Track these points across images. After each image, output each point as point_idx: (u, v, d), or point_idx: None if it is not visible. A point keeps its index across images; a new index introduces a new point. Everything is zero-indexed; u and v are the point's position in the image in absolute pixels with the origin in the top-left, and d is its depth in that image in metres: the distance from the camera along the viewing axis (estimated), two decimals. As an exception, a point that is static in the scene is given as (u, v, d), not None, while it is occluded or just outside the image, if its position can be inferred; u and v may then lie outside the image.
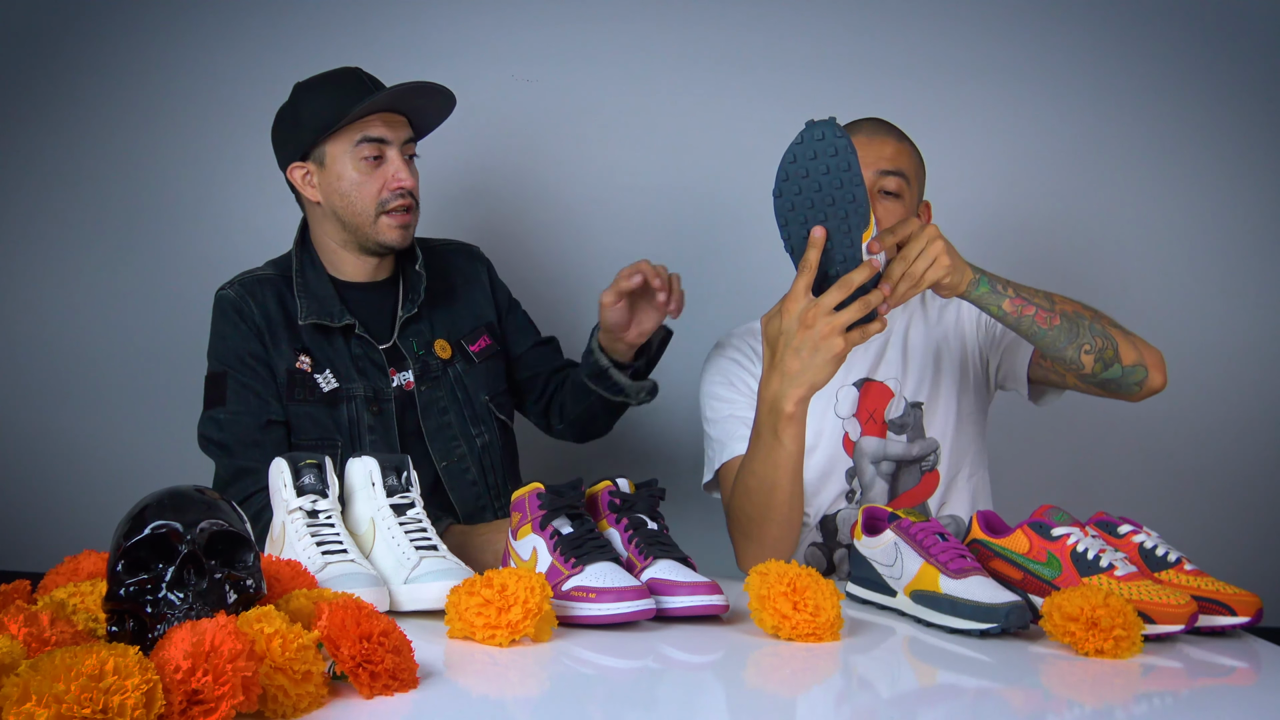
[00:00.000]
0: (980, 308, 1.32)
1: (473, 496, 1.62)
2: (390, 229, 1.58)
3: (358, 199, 1.56)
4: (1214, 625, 1.10)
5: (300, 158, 1.58)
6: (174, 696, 0.67)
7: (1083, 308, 1.36)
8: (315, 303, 1.58)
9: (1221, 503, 2.16)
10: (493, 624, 0.95)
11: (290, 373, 1.55)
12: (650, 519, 1.17)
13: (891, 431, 1.56)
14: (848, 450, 1.57)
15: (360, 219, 1.57)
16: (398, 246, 1.60)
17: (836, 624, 1.03)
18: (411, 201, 1.59)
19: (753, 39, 2.19)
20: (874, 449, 1.56)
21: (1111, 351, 1.35)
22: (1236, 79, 2.15)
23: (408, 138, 1.59)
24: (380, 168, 1.56)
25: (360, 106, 1.52)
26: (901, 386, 1.57)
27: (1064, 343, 1.33)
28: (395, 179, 1.56)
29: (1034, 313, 1.31)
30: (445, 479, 1.60)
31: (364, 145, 1.55)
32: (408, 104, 1.58)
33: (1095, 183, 2.18)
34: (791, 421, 1.27)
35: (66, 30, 2.22)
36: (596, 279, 2.21)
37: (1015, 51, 2.17)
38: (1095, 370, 1.36)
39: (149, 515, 0.80)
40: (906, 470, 1.56)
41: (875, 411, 1.57)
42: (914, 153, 1.55)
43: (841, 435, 1.57)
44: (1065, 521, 1.15)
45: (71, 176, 2.22)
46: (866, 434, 1.56)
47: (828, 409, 1.56)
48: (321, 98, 1.56)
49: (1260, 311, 2.16)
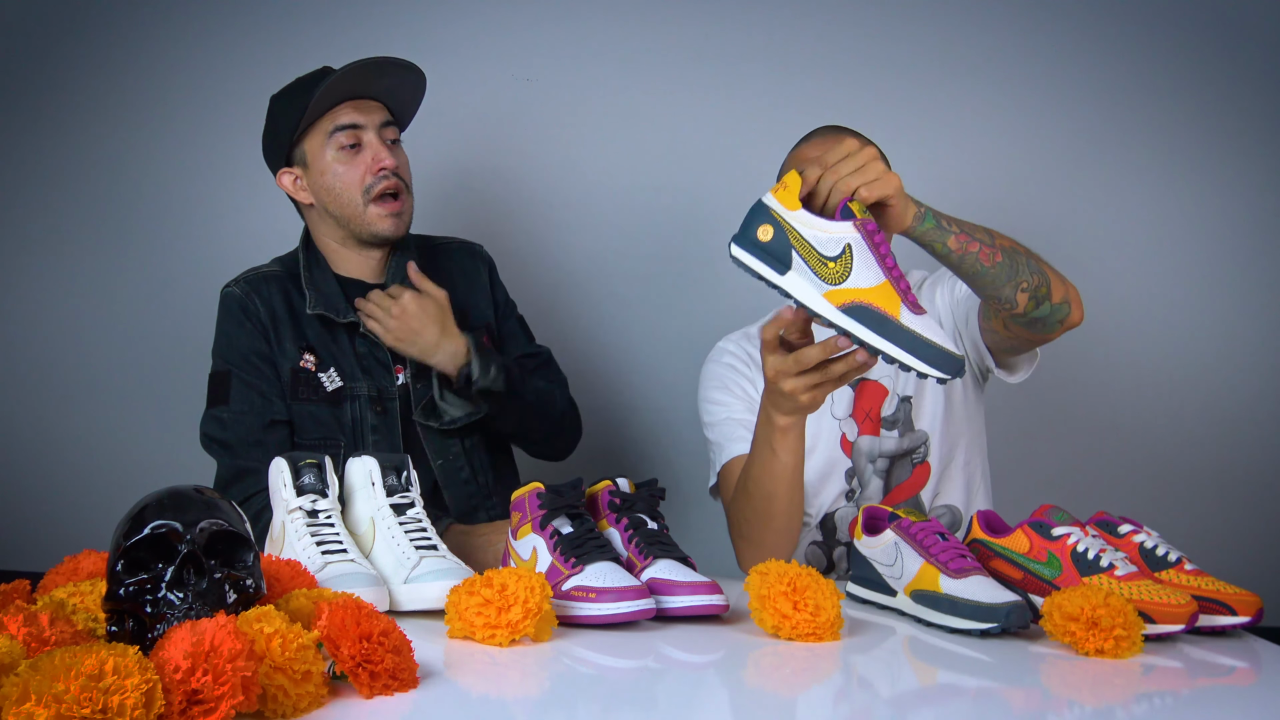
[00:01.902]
0: (924, 245, 1.22)
1: (466, 495, 1.61)
2: (381, 218, 1.57)
3: (343, 190, 1.56)
4: (1214, 625, 1.10)
5: (286, 163, 1.59)
6: (174, 696, 0.67)
7: (1018, 244, 1.29)
8: (322, 297, 1.59)
9: (1221, 503, 2.16)
10: (493, 624, 0.95)
11: (294, 372, 1.55)
12: (650, 519, 1.17)
13: (884, 428, 1.56)
14: (846, 450, 1.57)
15: (350, 210, 1.57)
16: (392, 235, 1.59)
17: (836, 624, 1.03)
18: (398, 183, 1.58)
19: (752, 39, 2.19)
20: (870, 447, 1.57)
21: (1045, 288, 1.29)
22: (1237, 79, 2.15)
23: (384, 121, 1.58)
24: (360, 154, 1.56)
25: (318, 92, 1.51)
26: (894, 383, 1.57)
27: (1003, 280, 1.25)
28: (376, 161, 1.55)
29: (978, 250, 1.22)
30: (440, 477, 1.60)
31: (339, 134, 1.54)
32: (376, 87, 1.57)
33: (1095, 183, 2.18)
34: (786, 435, 1.26)
35: (65, 30, 2.22)
36: (593, 277, 2.22)
37: (1014, 51, 2.17)
38: (1028, 309, 1.29)
39: (149, 515, 0.80)
40: (899, 464, 1.57)
41: (871, 410, 1.57)
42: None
43: (839, 436, 1.57)
44: (1065, 521, 1.15)
45: (70, 176, 2.22)
46: (864, 433, 1.56)
47: (824, 410, 1.56)
48: (290, 100, 1.57)
49: (1260, 311, 2.16)
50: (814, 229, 1.03)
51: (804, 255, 1.04)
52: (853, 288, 1.03)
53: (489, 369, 1.56)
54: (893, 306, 1.02)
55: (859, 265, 1.03)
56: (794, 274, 1.04)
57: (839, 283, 1.03)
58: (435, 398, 1.60)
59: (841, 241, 1.03)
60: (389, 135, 1.60)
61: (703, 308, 2.16)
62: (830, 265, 1.03)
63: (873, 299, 1.02)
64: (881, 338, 1.02)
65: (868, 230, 1.04)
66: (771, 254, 1.05)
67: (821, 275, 1.03)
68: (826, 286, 1.03)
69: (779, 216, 1.05)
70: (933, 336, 1.01)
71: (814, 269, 1.04)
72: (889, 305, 1.02)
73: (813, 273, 1.04)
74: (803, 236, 1.04)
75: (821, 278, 1.04)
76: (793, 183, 1.05)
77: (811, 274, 1.04)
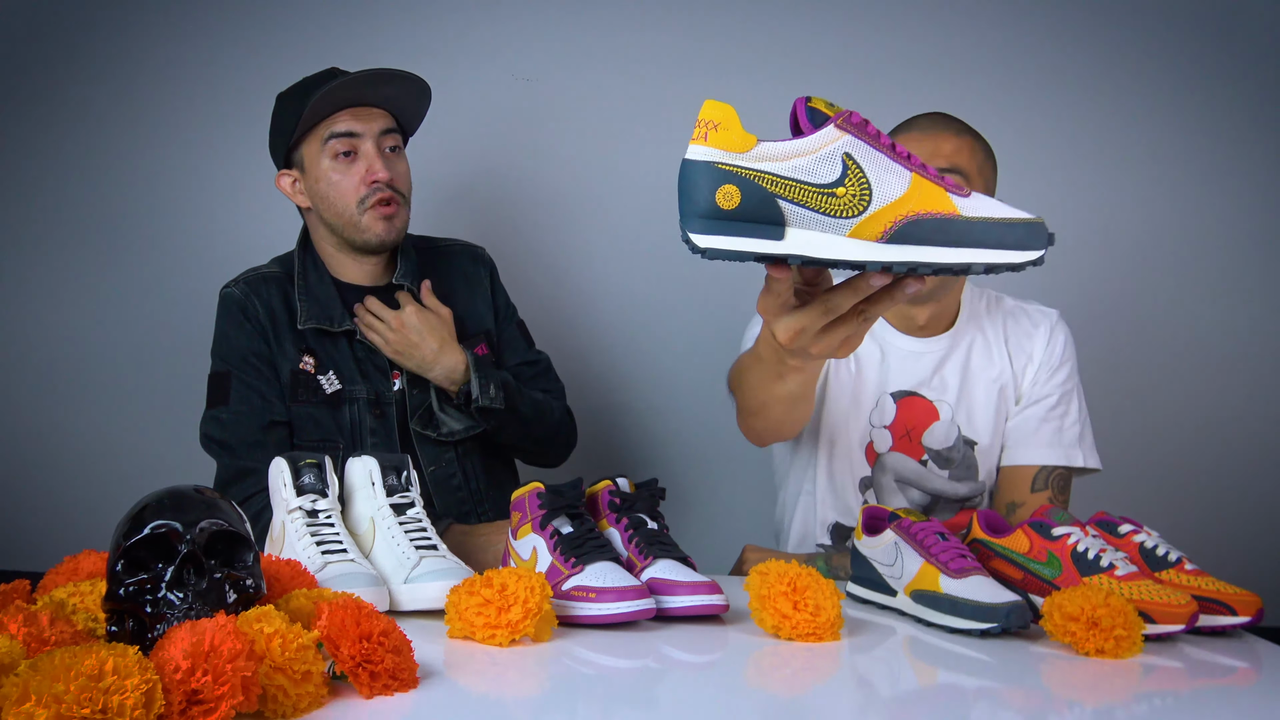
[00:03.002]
0: None
1: (457, 502, 1.61)
2: (375, 222, 1.55)
3: (336, 198, 1.55)
4: (1214, 625, 1.10)
5: (285, 165, 1.59)
6: (173, 696, 0.67)
7: None
8: (317, 306, 1.57)
9: (1221, 503, 2.16)
10: (493, 624, 0.95)
11: (294, 373, 1.54)
12: (650, 519, 1.17)
13: (934, 463, 1.47)
14: (869, 459, 1.49)
15: (343, 218, 1.56)
16: (386, 242, 1.58)
17: (836, 624, 1.03)
18: (393, 195, 1.56)
19: (753, 39, 2.19)
20: (901, 468, 1.48)
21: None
22: (1237, 79, 2.15)
23: (384, 129, 1.56)
24: (355, 163, 1.54)
25: (314, 99, 1.49)
26: (954, 413, 1.47)
27: None
28: (370, 172, 1.53)
29: None
30: (431, 484, 1.59)
31: (334, 141, 1.53)
32: (378, 94, 1.55)
33: (1095, 182, 2.18)
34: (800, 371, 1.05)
35: (65, 29, 2.22)
36: (594, 277, 2.22)
37: (1014, 51, 2.17)
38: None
39: (149, 515, 0.80)
40: (944, 505, 1.50)
41: (913, 430, 1.47)
42: (977, 147, 1.44)
43: (867, 442, 1.49)
44: (1065, 521, 1.15)
45: (70, 176, 2.22)
46: (897, 449, 1.47)
47: (863, 411, 1.48)
48: (292, 102, 1.55)
49: (1261, 311, 2.16)
50: (792, 157, 0.75)
51: (797, 198, 0.75)
52: (885, 204, 0.75)
53: (489, 387, 1.55)
54: (942, 200, 0.75)
55: (875, 172, 0.76)
56: (795, 230, 0.76)
57: (863, 209, 0.75)
58: (435, 409, 1.59)
59: (836, 154, 0.76)
60: (388, 143, 1.57)
61: (703, 307, 2.16)
62: (840, 193, 0.75)
63: (918, 205, 0.75)
64: (952, 248, 0.75)
65: (856, 124, 0.77)
66: (750, 219, 0.75)
67: (833, 211, 0.75)
68: (848, 222, 0.75)
69: (734, 166, 0.76)
70: (1005, 213, 0.76)
71: (819, 209, 0.75)
72: (938, 202, 0.75)
73: (820, 215, 0.75)
74: (781, 175, 0.75)
75: (835, 214, 0.75)
76: (723, 115, 0.77)
77: (820, 217, 0.75)
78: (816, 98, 0.77)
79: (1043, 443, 1.47)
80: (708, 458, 2.19)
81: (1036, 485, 1.46)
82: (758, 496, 1.87)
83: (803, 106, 0.77)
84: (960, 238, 0.75)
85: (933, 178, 0.76)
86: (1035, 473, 1.46)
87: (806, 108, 0.77)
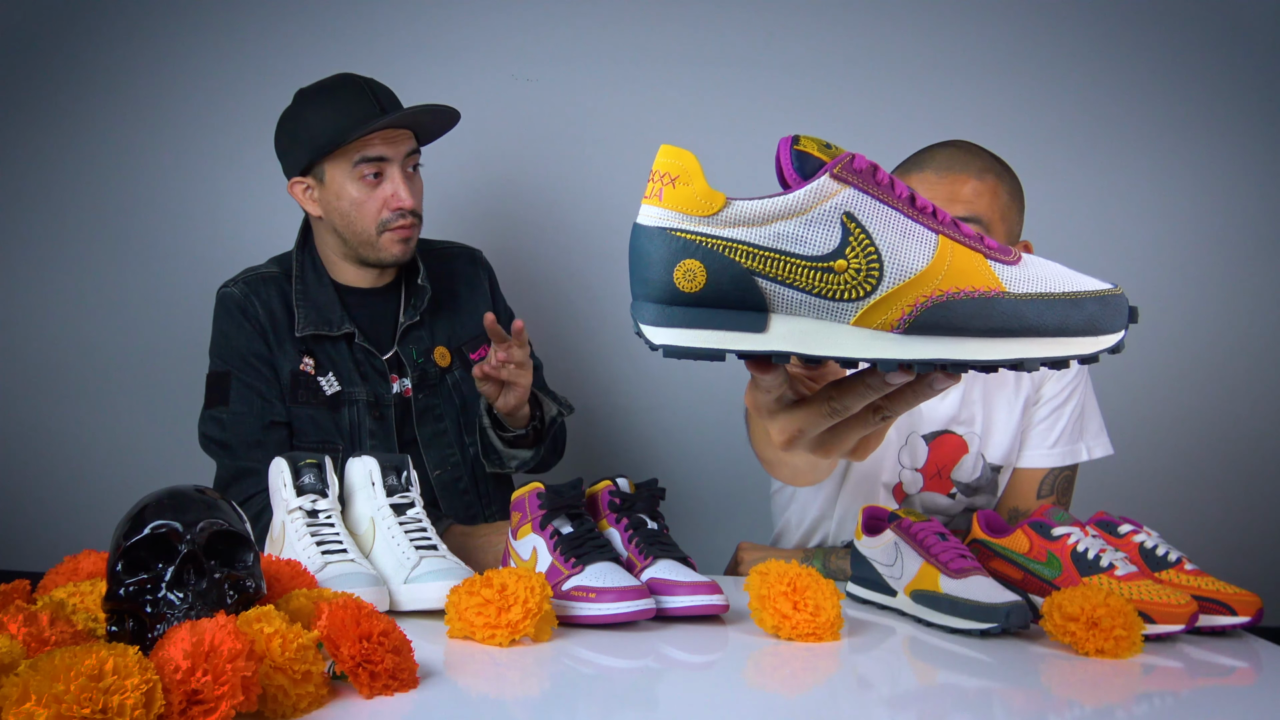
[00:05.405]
0: None
1: (463, 505, 1.61)
2: (392, 244, 1.56)
3: (358, 218, 1.54)
4: (1214, 625, 1.10)
5: (300, 173, 1.56)
6: (174, 696, 0.67)
7: None
8: (315, 311, 1.57)
9: (1221, 503, 2.16)
10: (493, 624, 0.95)
11: (294, 374, 1.54)
12: (650, 519, 1.17)
13: (962, 493, 1.43)
14: (896, 498, 1.45)
15: (361, 237, 1.56)
16: (400, 261, 1.58)
17: (836, 624, 1.03)
18: (413, 221, 1.57)
19: (752, 40, 2.19)
20: (929, 504, 1.44)
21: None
22: (1237, 79, 2.15)
23: (410, 150, 1.56)
24: (380, 186, 1.53)
25: (359, 132, 1.48)
26: (982, 443, 1.43)
27: None
28: (395, 199, 1.53)
29: None
30: (437, 488, 1.59)
31: (363, 165, 1.52)
32: (410, 120, 1.55)
33: (1095, 183, 2.18)
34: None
35: (65, 29, 2.22)
36: (594, 278, 2.22)
37: (1014, 51, 2.17)
38: None
39: (149, 515, 0.80)
40: (961, 518, 1.47)
41: (944, 468, 1.42)
42: (1000, 187, 1.30)
43: (896, 483, 1.45)
44: (1065, 521, 1.15)
45: (70, 176, 2.22)
46: (929, 489, 1.43)
47: (891, 450, 1.41)
48: (323, 115, 1.52)
49: (1261, 311, 2.17)
50: (774, 220, 0.55)
51: (781, 275, 0.55)
52: (901, 282, 0.54)
53: (554, 399, 1.64)
54: (980, 271, 0.55)
55: (888, 237, 0.54)
56: (781, 319, 0.55)
57: (870, 289, 0.54)
58: (496, 445, 1.59)
59: (834, 215, 0.55)
60: (411, 163, 1.57)
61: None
62: (839, 266, 0.54)
63: (948, 280, 0.54)
64: (996, 339, 0.55)
65: (860, 171, 0.55)
66: (720, 304, 0.55)
67: (831, 292, 0.55)
68: (851, 307, 0.55)
69: (697, 235, 0.55)
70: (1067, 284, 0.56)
71: (812, 289, 0.55)
72: (975, 274, 0.55)
73: (813, 297, 0.55)
74: (759, 246, 0.55)
75: (834, 296, 0.55)
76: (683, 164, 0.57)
77: (813, 300, 0.55)
78: (806, 137, 0.56)
79: (1050, 444, 1.46)
80: (707, 458, 2.19)
81: (1042, 491, 1.45)
82: (757, 496, 1.87)
83: (788, 150, 0.55)
84: (1007, 323, 0.54)
85: (969, 240, 0.56)
86: (1042, 478, 1.45)
87: (793, 151, 0.55)
